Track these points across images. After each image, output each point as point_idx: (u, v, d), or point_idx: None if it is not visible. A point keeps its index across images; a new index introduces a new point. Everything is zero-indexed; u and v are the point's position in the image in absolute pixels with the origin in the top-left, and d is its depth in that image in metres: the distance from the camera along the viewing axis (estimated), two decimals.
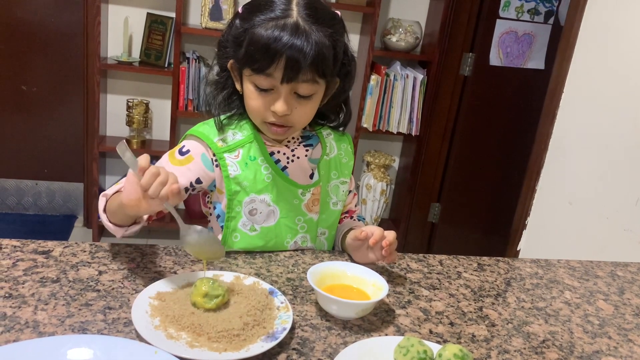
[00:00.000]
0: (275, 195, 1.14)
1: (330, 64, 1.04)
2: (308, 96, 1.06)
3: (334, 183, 1.23)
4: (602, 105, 1.98)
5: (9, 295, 0.87)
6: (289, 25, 0.98)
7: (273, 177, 1.14)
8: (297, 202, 1.17)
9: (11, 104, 2.99)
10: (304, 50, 0.97)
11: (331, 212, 1.23)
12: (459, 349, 0.77)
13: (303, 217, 1.18)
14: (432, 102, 3.09)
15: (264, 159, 1.14)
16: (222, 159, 1.11)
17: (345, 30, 1.10)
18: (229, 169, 1.11)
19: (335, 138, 1.25)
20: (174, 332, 0.81)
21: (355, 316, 0.93)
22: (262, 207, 1.14)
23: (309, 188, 1.18)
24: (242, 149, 1.13)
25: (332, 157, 1.23)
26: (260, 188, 1.13)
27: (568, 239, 2.08)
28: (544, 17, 3.03)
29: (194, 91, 2.85)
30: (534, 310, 1.07)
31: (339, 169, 1.24)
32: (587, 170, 2.02)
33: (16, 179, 3.12)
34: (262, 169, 1.13)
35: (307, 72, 1.00)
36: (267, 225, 1.15)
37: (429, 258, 1.23)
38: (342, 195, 1.25)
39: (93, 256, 1.03)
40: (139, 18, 2.88)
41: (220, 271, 0.99)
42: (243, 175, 1.12)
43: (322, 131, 1.24)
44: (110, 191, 1.05)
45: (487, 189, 3.25)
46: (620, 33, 1.93)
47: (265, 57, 0.99)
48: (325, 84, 1.08)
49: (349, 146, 1.27)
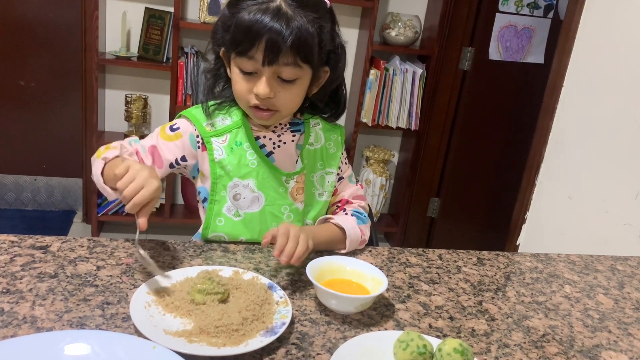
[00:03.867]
0: (259, 182, 1.15)
1: (314, 50, 1.04)
2: (291, 80, 1.06)
3: (319, 174, 1.23)
4: (602, 100, 1.97)
5: (6, 290, 0.87)
6: (271, 9, 1.01)
7: (258, 163, 1.15)
8: (282, 190, 1.17)
9: (9, 100, 2.98)
10: (283, 33, 0.99)
11: (317, 203, 1.23)
12: (458, 343, 0.77)
13: (289, 207, 1.18)
14: (431, 96, 3.08)
15: (250, 144, 1.15)
16: (209, 142, 1.15)
17: (334, 19, 1.11)
18: (215, 153, 1.14)
19: (324, 128, 1.25)
20: (172, 327, 0.81)
21: (354, 311, 0.93)
22: (245, 192, 1.15)
23: (292, 175, 1.18)
24: (230, 134, 1.16)
25: (318, 147, 1.23)
26: (244, 173, 1.15)
27: (568, 234, 2.07)
28: (544, 11, 3.02)
29: (192, 86, 2.84)
30: (533, 305, 1.07)
31: (325, 159, 1.23)
32: (586, 164, 2.01)
33: (15, 175, 3.12)
34: (247, 155, 1.15)
35: (288, 55, 1.01)
36: (251, 211, 1.16)
37: (428, 252, 1.23)
38: (328, 186, 1.24)
39: (91, 251, 1.02)
40: (137, 13, 2.87)
41: (219, 266, 0.99)
42: (227, 159, 1.14)
43: (310, 120, 1.23)
44: (109, 154, 1.04)
45: (487, 183, 3.25)
46: (620, 27, 1.92)
47: (246, 39, 1.02)
48: (312, 71, 1.08)
49: (339, 137, 1.26)
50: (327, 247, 1.14)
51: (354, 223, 1.19)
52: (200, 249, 1.09)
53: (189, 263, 1.03)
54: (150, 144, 1.14)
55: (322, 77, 1.14)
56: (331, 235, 1.15)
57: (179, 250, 1.07)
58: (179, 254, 1.06)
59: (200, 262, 1.04)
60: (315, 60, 1.07)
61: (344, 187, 1.28)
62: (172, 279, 0.93)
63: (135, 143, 1.13)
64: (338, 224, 1.16)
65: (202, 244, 1.13)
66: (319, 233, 1.13)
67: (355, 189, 1.30)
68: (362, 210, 1.27)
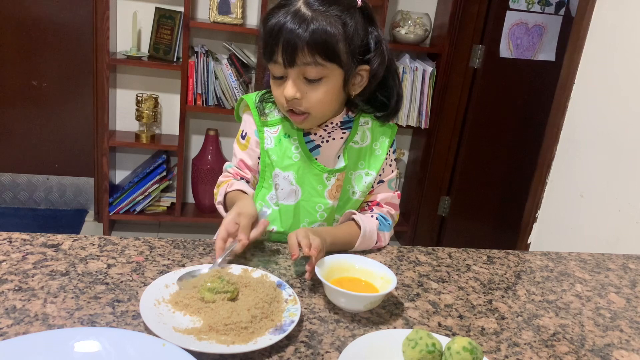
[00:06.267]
0: (299, 176, 1.17)
1: (337, 48, 1.04)
2: (317, 80, 1.07)
3: (358, 173, 1.22)
4: (614, 97, 1.95)
5: (18, 288, 0.88)
6: (290, 12, 1.04)
7: (301, 157, 1.17)
8: (320, 189, 1.18)
9: (22, 100, 3.01)
10: (298, 33, 1.01)
11: (348, 201, 1.22)
12: (468, 342, 0.76)
13: (324, 205, 1.19)
14: (441, 94, 3.07)
15: (298, 138, 1.18)
16: (262, 131, 1.20)
17: (366, 16, 1.11)
18: (265, 142, 1.19)
19: (374, 128, 1.23)
20: (182, 325, 0.81)
21: (363, 309, 0.93)
22: (284, 184, 1.18)
23: (334, 173, 1.18)
24: (282, 125, 1.20)
25: (364, 146, 1.22)
26: (285, 165, 1.17)
27: (579, 232, 2.06)
28: (555, 8, 3.00)
29: (203, 85, 2.85)
30: (544, 303, 1.06)
31: (367, 160, 1.22)
32: (598, 162, 2.00)
33: (27, 174, 3.15)
34: (292, 148, 1.18)
35: (305, 54, 1.03)
36: (287, 203, 1.19)
37: (437, 251, 1.22)
38: (364, 186, 1.22)
39: (102, 249, 1.03)
40: (147, 13, 2.88)
41: (229, 264, 0.99)
42: (274, 149, 1.19)
43: (360, 118, 1.22)
44: (220, 197, 1.20)
45: (498, 182, 3.23)
46: (632, 23, 1.90)
47: (269, 43, 1.05)
48: (342, 70, 1.08)
49: (387, 139, 1.25)
50: (343, 248, 1.14)
51: (375, 227, 1.18)
52: (210, 247, 1.10)
53: (198, 261, 1.03)
54: (238, 161, 1.25)
55: (364, 77, 1.13)
56: (349, 238, 1.15)
57: (189, 249, 1.08)
58: (189, 252, 1.06)
59: (209, 259, 1.04)
60: (343, 59, 1.06)
61: (381, 190, 1.26)
62: (182, 277, 0.93)
63: (230, 168, 1.25)
64: (358, 222, 1.17)
65: (213, 242, 1.13)
66: (338, 236, 1.13)
67: (391, 196, 1.27)
68: (390, 217, 1.25)
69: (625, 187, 1.86)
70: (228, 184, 1.20)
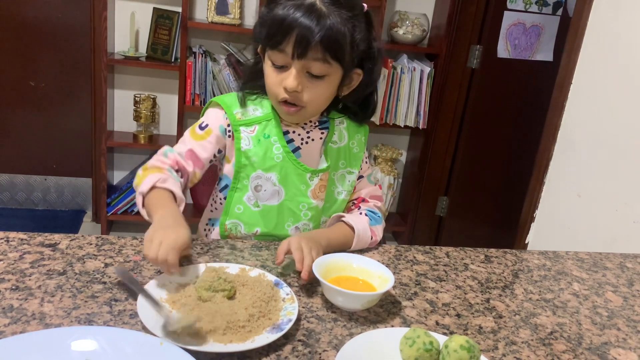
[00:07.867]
0: (282, 176, 1.17)
1: (345, 48, 1.06)
2: (320, 77, 1.08)
3: (340, 172, 1.24)
4: (611, 97, 1.96)
5: (15, 287, 0.88)
6: (305, 5, 1.03)
7: (283, 158, 1.17)
8: (304, 188, 1.18)
9: (19, 100, 3.01)
10: (314, 28, 1.02)
11: (334, 201, 1.24)
12: (465, 340, 0.76)
13: (308, 204, 1.19)
14: (439, 95, 3.07)
15: (278, 138, 1.17)
16: (237, 131, 1.17)
17: (370, 23, 1.12)
18: (242, 142, 1.17)
19: (349, 127, 1.26)
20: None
21: (361, 308, 0.93)
22: (267, 185, 1.17)
23: (318, 173, 1.18)
24: (259, 125, 1.18)
25: (342, 145, 1.23)
26: (268, 166, 1.17)
27: (577, 232, 2.06)
28: (552, 8, 3.00)
29: (201, 86, 2.85)
30: (541, 302, 1.06)
31: (348, 159, 1.24)
32: (596, 162, 2.00)
33: (25, 175, 3.14)
34: (273, 148, 1.17)
35: (317, 50, 1.03)
36: (270, 204, 1.18)
37: (435, 250, 1.22)
38: (348, 185, 1.24)
39: (99, 249, 1.03)
40: (145, 13, 2.88)
41: (226, 263, 0.99)
42: (254, 150, 1.16)
43: (335, 119, 1.24)
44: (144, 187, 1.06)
45: (495, 182, 3.23)
46: (630, 23, 1.90)
47: (279, 32, 1.05)
48: (343, 70, 1.09)
49: (362, 137, 1.27)
50: (338, 249, 1.14)
51: (366, 224, 1.19)
52: (208, 247, 1.10)
53: (196, 261, 1.03)
54: (186, 149, 1.18)
55: (355, 80, 1.15)
56: (343, 239, 1.16)
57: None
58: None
59: (207, 259, 1.04)
60: (347, 60, 1.08)
61: (363, 185, 1.29)
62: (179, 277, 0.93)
63: (171, 153, 1.16)
64: (349, 223, 1.17)
65: (209, 241, 1.13)
66: (332, 238, 1.13)
67: (373, 189, 1.30)
68: (377, 210, 1.26)
69: (622, 186, 1.87)
70: (161, 176, 1.07)
